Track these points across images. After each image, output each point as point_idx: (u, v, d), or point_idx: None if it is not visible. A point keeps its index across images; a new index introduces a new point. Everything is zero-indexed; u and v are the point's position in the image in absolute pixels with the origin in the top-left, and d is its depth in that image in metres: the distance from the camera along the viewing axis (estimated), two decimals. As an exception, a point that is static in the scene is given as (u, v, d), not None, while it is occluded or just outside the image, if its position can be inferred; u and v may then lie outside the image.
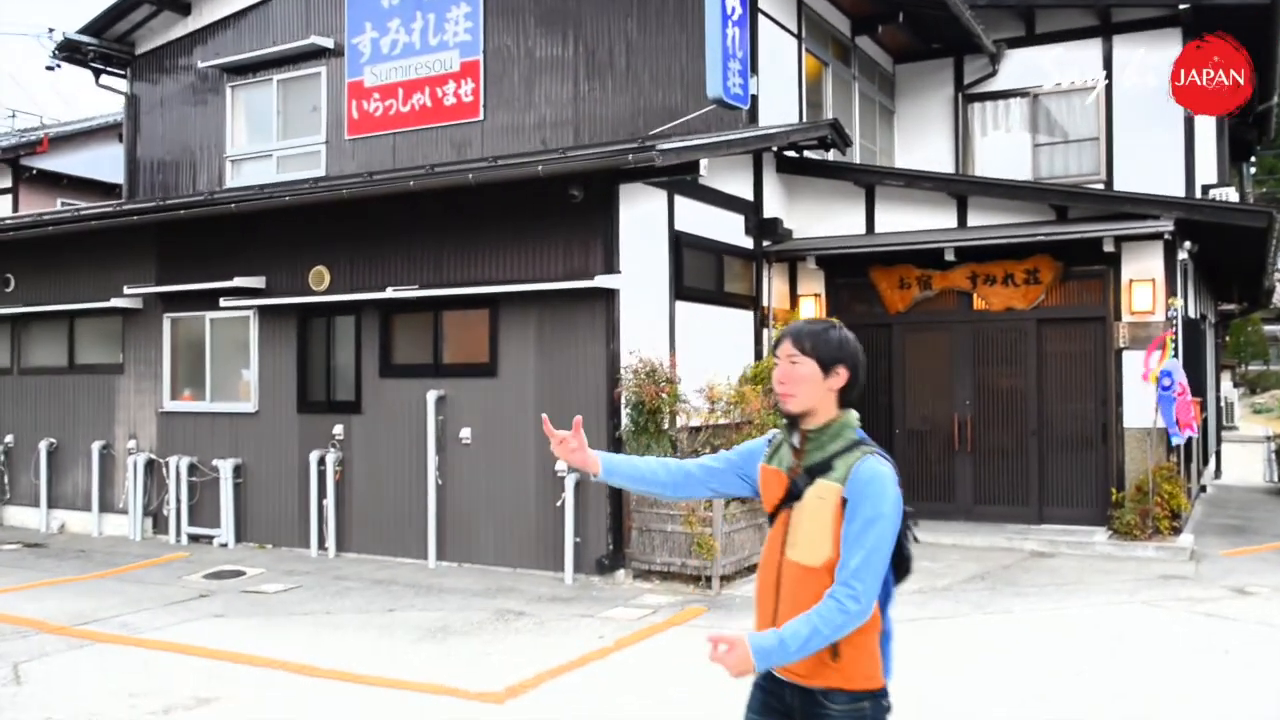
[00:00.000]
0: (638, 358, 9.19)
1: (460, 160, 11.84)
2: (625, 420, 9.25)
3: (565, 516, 9.18)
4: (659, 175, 9.01)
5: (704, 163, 9.00)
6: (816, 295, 12.45)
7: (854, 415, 2.82)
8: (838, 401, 2.80)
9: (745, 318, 11.50)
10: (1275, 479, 17.94)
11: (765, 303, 11.81)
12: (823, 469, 2.74)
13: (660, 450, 9.39)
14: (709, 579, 8.89)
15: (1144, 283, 10.76)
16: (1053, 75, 14.69)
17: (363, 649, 7.19)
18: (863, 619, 2.61)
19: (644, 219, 9.67)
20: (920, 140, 15.58)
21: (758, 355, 11.51)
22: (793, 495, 2.79)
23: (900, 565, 2.77)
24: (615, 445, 9.16)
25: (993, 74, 15.04)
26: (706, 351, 10.33)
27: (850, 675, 2.70)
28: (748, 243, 11.56)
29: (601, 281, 9.02)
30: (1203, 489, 15.28)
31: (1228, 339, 29.12)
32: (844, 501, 2.67)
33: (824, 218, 12.30)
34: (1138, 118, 14.08)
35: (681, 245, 10.19)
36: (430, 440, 9.89)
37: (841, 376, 2.78)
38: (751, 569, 9.51)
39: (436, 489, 9.89)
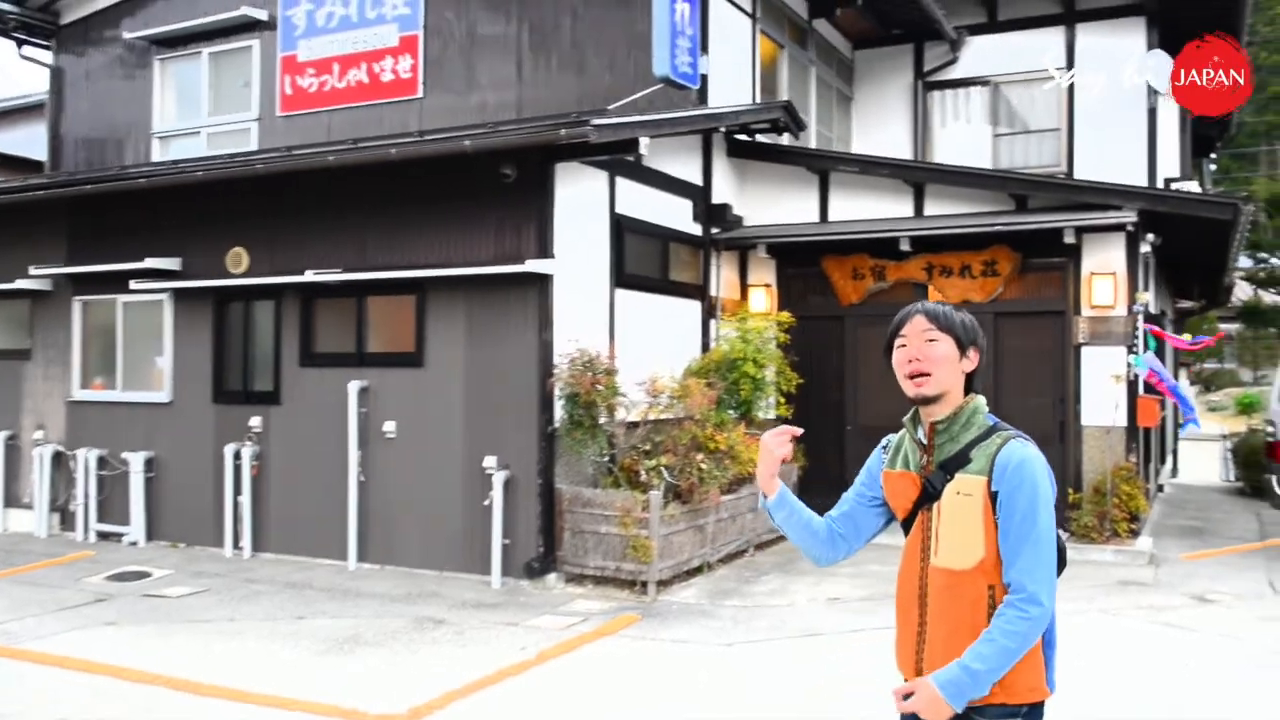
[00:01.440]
0: (576, 346, 8.64)
1: (387, 135, 11.17)
2: (559, 413, 8.69)
3: (493, 517, 8.60)
4: (596, 154, 8.45)
5: (644, 141, 8.43)
6: (767, 285, 11.94)
7: (982, 400, 2.61)
8: (964, 387, 2.61)
9: (692, 308, 10.97)
10: (1232, 478, 17.73)
11: (713, 292, 11.29)
12: (959, 462, 2.52)
13: (597, 446, 8.85)
14: (645, 584, 8.35)
15: (1105, 276, 10.36)
16: (1014, 64, 14.25)
17: (261, 662, 6.59)
18: (1047, 620, 2.37)
19: (582, 201, 9.10)
20: (879, 128, 15.11)
21: (704, 347, 10.98)
22: (929, 496, 2.55)
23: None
24: (548, 441, 8.61)
25: (953, 61, 14.59)
26: (649, 342, 9.81)
27: (1013, 688, 2.39)
28: (696, 229, 11.03)
29: (534, 266, 8.44)
30: (1160, 488, 14.98)
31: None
32: (993, 495, 2.44)
33: (776, 205, 11.80)
34: (1100, 109, 13.69)
35: (623, 230, 9.64)
36: (352, 434, 9.27)
37: (973, 360, 2.61)
38: (690, 573, 9.00)
39: (358, 486, 9.27)
